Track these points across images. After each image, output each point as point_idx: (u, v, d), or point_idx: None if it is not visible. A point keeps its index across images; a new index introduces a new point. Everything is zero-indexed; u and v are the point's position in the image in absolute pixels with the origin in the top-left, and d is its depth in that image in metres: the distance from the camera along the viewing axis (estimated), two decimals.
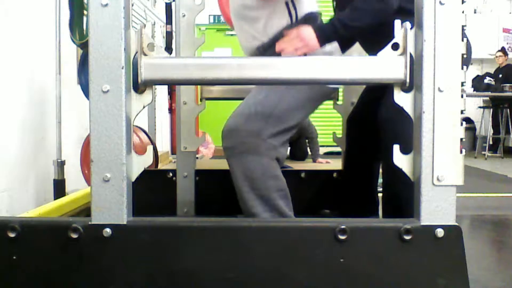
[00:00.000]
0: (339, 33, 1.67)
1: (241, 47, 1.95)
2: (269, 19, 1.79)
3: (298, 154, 5.34)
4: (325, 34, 1.66)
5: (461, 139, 1.08)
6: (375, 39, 1.59)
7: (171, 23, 3.86)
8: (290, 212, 1.70)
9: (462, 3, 1.07)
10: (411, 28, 1.11)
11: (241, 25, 1.87)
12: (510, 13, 9.44)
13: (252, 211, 1.67)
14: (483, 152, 7.94)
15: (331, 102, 2.27)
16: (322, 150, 5.35)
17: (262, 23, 1.79)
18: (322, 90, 1.82)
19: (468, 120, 8.66)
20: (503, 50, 8.50)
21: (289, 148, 5.17)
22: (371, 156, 2.07)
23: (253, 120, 1.70)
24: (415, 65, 1.11)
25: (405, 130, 1.62)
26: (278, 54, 1.67)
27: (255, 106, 1.72)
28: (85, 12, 2.76)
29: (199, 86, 2.35)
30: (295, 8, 1.80)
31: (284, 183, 1.71)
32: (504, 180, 5.47)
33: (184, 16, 2.22)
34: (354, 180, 2.18)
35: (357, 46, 2.06)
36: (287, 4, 1.79)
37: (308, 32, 1.65)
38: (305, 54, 1.65)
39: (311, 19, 1.78)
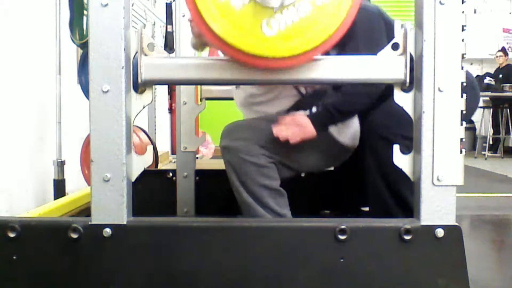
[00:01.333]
0: (335, 119, 1.69)
1: None
2: (278, 99, 1.84)
3: None
4: (321, 121, 1.68)
5: (461, 139, 1.08)
6: None
7: (171, 23, 3.86)
8: (284, 210, 1.70)
9: (462, 3, 1.07)
10: (411, 28, 1.12)
11: (251, 110, 1.92)
12: (510, 13, 9.44)
13: (247, 202, 1.67)
14: (483, 152, 7.94)
15: None
16: None
17: (272, 104, 1.85)
18: (339, 145, 1.80)
19: (468, 120, 8.66)
20: (503, 50, 8.51)
21: None
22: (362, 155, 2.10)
23: (259, 133, 1.69)
24: (415, 65, 1.11)
25: (391, 134, 1.65)
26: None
27: (266, 123, 1.71)
28: (85, 12, 2.76)
29: (199, 86, 2.35)
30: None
31: (278, 183, 1.71)
32: (504, 180, 5.47)
33: (184, 16, 2.22)
34: (348, 176, 2.22)
35: None
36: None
37: (304, 120, 1.67)
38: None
39: (320, 94, 1.79)
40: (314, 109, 1.71)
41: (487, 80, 8.31)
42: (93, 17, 1.08)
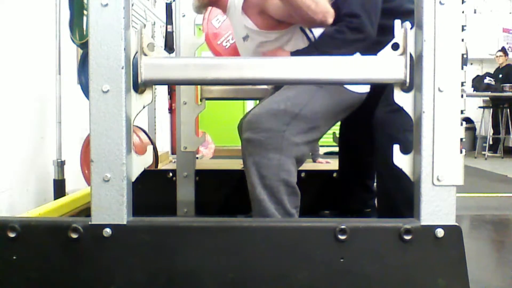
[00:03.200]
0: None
1: None
2: (287, 46, 1.83)
3: None
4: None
5: (461, 139, 1.08)
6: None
7: (171, 23, 3.86)
8: (293, 210, 1.69)
9: (462, 3, 1.07)
10: (411, 28, 1.12)
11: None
12: (510, 13, 9.44)
13: (259, 198, 1.65)
14: (483, 152, 7.94)
15: None
16: (322, 150, 5.34)
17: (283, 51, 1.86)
18: (353, 95, 1.81)
19: (468, 120, 8.66)
20: (503, 50, 8.51)
21: None
22: (366, 155, 2.10)
23: (279, 116, 1.69)
24: (415, 65, 1.11)
25: (400, 132, 1.65)
26: None
27: (284, 103, 1.72)
28: (85, 12, 2.76)
29: (199, 86, 2.35)
30: (311, 30, 1.82)
31: (295, 179, 1.70)
32: (504, 180, 5.47)
33: (184, 16, 2.22)
34: (350, 176, 2.22)
35: None
36: (302, 29, 1.82)
37: (284, 55, 1.74)
38: None
39: (327, 37, 1.79)
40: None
41: (487, 80, 8.31)
42: (93, 17, 1.08)
